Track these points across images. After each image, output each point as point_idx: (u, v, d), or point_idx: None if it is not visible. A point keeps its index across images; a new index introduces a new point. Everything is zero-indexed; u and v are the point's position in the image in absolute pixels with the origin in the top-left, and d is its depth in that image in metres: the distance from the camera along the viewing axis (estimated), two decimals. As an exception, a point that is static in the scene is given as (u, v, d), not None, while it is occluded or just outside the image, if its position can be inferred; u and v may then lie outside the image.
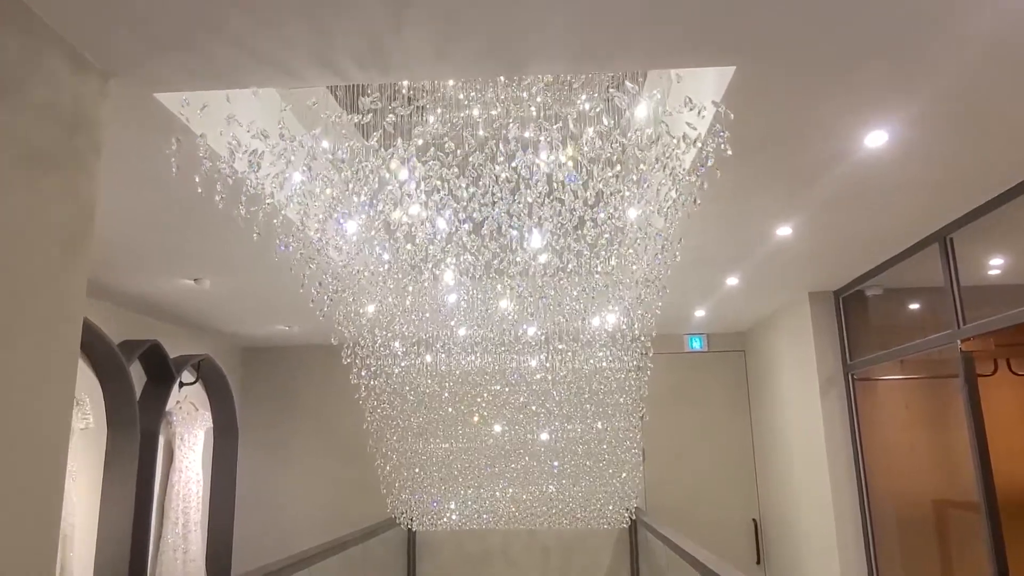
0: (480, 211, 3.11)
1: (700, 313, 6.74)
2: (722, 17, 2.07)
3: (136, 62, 2.28)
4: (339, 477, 7.63)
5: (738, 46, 2.24)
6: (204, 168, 2.52)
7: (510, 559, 7.47)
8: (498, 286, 4.02)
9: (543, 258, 3.75)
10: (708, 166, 2.51)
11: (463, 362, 4.87)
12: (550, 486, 5.74)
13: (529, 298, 4.24)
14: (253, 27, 2.08)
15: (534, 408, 5.18)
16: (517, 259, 3.66)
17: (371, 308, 4.16)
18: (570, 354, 4.81)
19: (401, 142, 2.67)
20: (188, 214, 3.69)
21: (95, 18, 2.04)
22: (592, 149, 2.74)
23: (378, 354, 4.57)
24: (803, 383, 6.00)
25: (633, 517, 5.84)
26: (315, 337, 7.39)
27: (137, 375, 5.92)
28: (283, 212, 2.94)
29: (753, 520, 7.28)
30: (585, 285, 3.98)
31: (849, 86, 2.55)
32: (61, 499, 2.06)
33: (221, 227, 3.81)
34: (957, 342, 4.10)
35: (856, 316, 5.68)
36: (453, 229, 3.30)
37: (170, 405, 6.30)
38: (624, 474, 5.55)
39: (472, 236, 3.45)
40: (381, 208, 3.06)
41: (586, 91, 2.73)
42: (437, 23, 2.08)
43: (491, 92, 3.13)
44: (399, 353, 4.69)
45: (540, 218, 3.09)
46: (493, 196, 2.93)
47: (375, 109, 2.70)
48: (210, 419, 6.78)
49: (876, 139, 2.95)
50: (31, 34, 2.00)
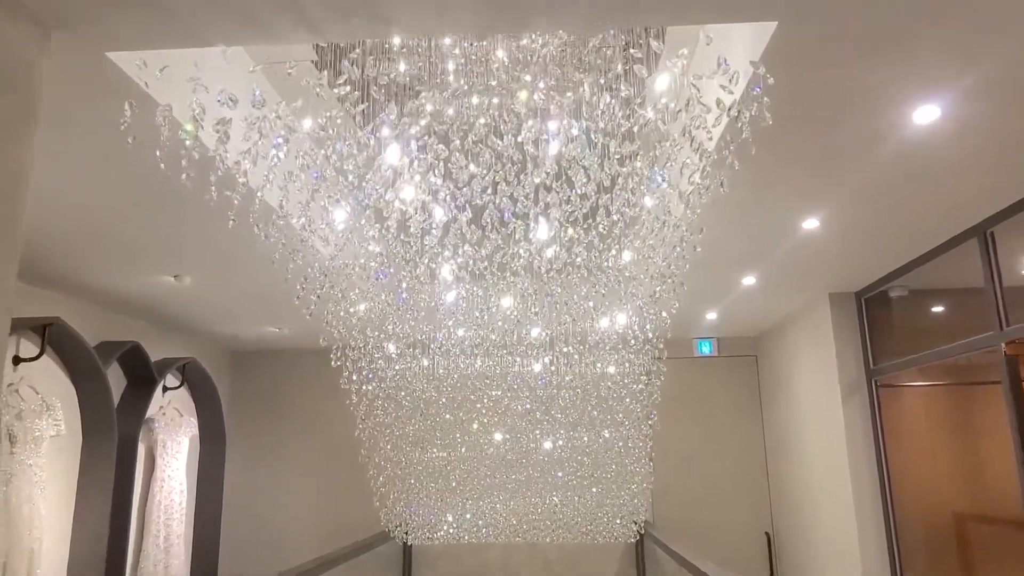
0: (480, 196, 2.79)
1: (711, 316, 6.40)
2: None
3: (84, 14, 1.96)
4: (332, 486, 7.28)
5: (783, -5, 1.92)
6: (164, 139, 2.18)
7: (510, 572, 7.13)
8: (500, 283, 3.70)
9: (550, 252, 3.43)
10: (743, 139, 2.18)
11: (462, 365, 4.54)
12: (554, 498, 5.41)
13: (533, 296, 3.92)
14: (213, -35, 1.76)
15: (538, 415, 4.85)
16: (521, 251, 3.34)
17: (362, 307, 3.83)
18: (576, 357, 4.48)
19: (394, 108, 2.34)
20: (159, 199, 3.36)
21: (25, -48, 1.72)
22: (608, 122, 2.41)
23: (370, 356, 4.24)
24: (822, 389, 5.67)
25: (642, 532, 5.50)
26: (307, 340, 7.05)
27: (117, 379, 5.59)
28: (260, 194, 2.60)
29: (766, 533, 6.93)
30: (595, 281, 3.65)
31: (903, 51, 2.23)
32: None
33: (196, 215, 3.48)
34: (1001, 345, 3.77)
35: (879, 319, 5.35)
36: (451, 217, 2.97)
37: (152, 411, 5.96)
38: (633, 486, 5.21)
39: (472, 226, 3.12)
40: (370, 191, 2.74)
41: (600, 55, 2.40)
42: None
43: (493, 80, 2.78)
44: (393, 355, 4.36)
45: (547, 204, 2.75)
46: (496, 177, 2.60)
47: (361, 80, 2.37)
48: (195, 425, 6.43)
49: (927, 114, 2.62)
50: (-55, -32, 1.67)
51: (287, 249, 2.95)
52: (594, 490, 5.26)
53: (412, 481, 5.07)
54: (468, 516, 5.35)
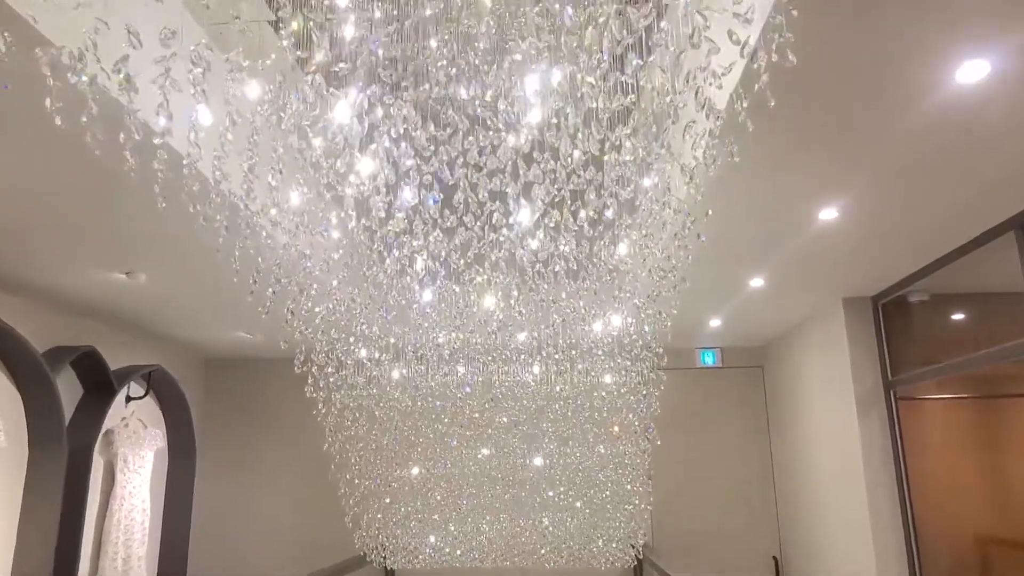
0: (451, 172, 2.38)
1: (715, 323, 5.99)
2: None
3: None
4: (309, 503, 6.80)
5: None
6: (51, 83, 1.77)
7: (499, 597, 6.66)
8: (478, 278, 3.28)
9: (534, 243, 3.02)
10: (760, 90, 1.77)
11: (440, 373, 4.12)
12: (543, 519, 4.97)
13: (517, 295, 3.51)
14: None
15: (525, 429, 4.43)
16: (501, 239, 2.93)
17: (319, 308, 3.42)
18: (567, 364, 4.07)
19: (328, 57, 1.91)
20: (94, 182, 2.96)
21: None
22: (598, 76, 2.00)
23: (338, 361, 3.83)
24: (834, 403, 5.24)
25: (640, 556, 5.05)
26: (282, 347, 6.62)
27: (74, 387, 5.17)
28: (186, 160, 2.18)
29: (774, 558, 6.48)
30: (586, 276, 3.24)
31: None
32: None
33: (137, 198, 3.05)
34: (1044, 352, 3.36)
35: (898, 326, 4.93)
36: (417, 199, 2.55)
37: (113, 422, 5.54)
38: (630, 507, 4.78)
39: (442, 209, 2.72)
40: (319, 160, 2.33)
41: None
42: None
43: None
44: (364, 361, 3.94)
45: (527, 179, 2.34)
46: (465, 144, 2.19)
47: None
48: (161, 438, 5.99)
49: (973, 71, 2.22)
50: None
51: (232, 234, 2.54)
52: (588, 510, 4.83)
53: (388, 500, 4.64)
54: (452, 539, 4.91)
